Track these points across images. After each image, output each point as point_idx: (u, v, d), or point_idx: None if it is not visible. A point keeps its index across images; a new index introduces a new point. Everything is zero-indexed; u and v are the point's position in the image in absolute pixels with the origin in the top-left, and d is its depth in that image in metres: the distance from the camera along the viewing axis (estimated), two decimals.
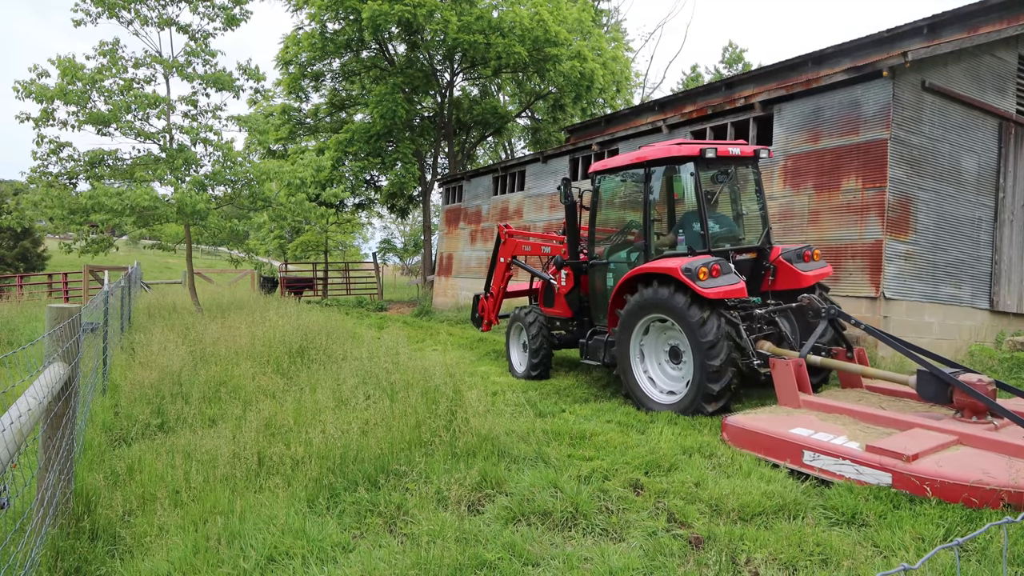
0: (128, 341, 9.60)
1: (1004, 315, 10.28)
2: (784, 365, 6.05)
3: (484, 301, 10.65)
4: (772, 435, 5.14)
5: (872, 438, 4.86)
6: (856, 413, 5.50)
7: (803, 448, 4.90)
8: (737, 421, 5.52)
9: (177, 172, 12.14)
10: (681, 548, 3.62)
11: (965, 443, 4.72)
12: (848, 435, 4.99)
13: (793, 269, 7.22)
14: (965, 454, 4.54)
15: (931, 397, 5.39)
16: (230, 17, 12.59)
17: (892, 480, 4.36)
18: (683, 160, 7.26)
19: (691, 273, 6.38)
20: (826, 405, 5.76)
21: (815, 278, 7.19)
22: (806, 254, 7.33)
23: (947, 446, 4.67)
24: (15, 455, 2.43)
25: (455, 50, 22.30)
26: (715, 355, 6.31)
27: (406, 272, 42.57)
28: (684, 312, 6.49)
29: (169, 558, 3.45)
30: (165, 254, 36.12)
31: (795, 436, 5.03)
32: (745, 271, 7.30)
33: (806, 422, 5.39)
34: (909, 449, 4.46)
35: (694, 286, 6.35)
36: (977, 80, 9.78)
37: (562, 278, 8.86)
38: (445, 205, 21.61)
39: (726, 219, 7.78)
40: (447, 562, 3.29)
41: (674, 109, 15.57)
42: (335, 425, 4.96)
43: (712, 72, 37.86)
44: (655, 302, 6.83)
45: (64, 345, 3.64)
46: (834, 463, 4.69)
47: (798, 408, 5.87)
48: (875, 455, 4.52)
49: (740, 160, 7.54)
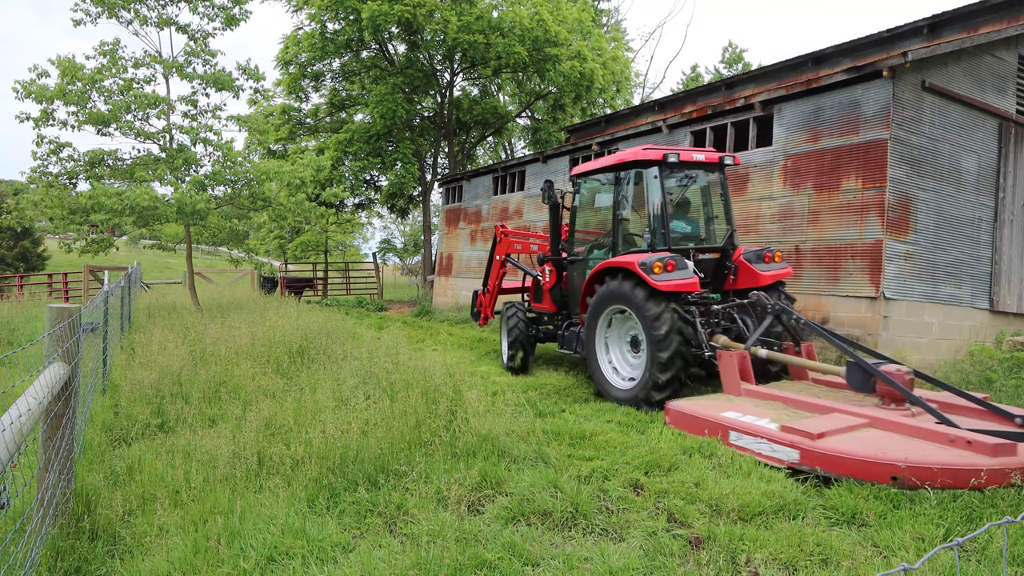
0: (128, 341, 9.60)
1: (1004, 315, 10.28)
2: (728, 356, 6.58)
3: (482, 296, 11.14)
4: (705, 417, 5.70)
5: (792, 421, 5.26)
6: (788, 400, 5.98)
7: (729, 429, 5.44)
8: (678, 405, 6.07)
9: (177, 172, 12.13)
10: (681, 548, 3.62)
11: (875, 426, 5.16)
12: (771, 418, 5.45)
13: (752, 269, 7.63)
14: (871, 435, 4.96)
15: (858, 386, 5.81)
16: (229, 17, 12.58)
17: (800, 456, 4.81)
18: (648, 164, 7.76)
19: (646, 267, 6.90)
20: (763, 393, 6.25)
21: (772, 278, 7.56)
22: (766, 255, 7.73)
23: (857, 428, 5.10)
24: (15, 455, 2.43)
25: (455, 50, 22.30)
26: (665, 346, 6.77)
27: (406, 272, 42.55)
28: (639, 304, 6.99)
29: (169, 558, 3.45)
30: (165, 254, 36.13)
31: (724, 418, 5.55)
32: (709, 270, 7.81)
33: (739, 407, 5.90)
34: (817, 429, 4.90)
35: (648, 279, 6.84)
36: (977, 80, 9.78)
37: (546, 274, 9.41)
38: (445, 205, 21.60)
39: (691, 220, 8.30)
40: (447, 562, 3.29)
41: (674, 109, 15.57)
42: (335, 425, 4.96)
43: (712, 72, 37.87)
44: (616, 294, 7.33)
45: (64, 345, 3.64)
46: (754, 442, 5.19)
47: (739, 396, 6.37)
48: (787, 434, 4.98)
49: (705, 166, 8.00)
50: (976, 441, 4.54)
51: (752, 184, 10.74)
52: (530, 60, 21.92)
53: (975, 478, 4.25)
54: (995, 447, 4.45)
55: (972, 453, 4.48)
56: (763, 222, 10.49)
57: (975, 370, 8.42)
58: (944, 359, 9.17)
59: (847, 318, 9.16)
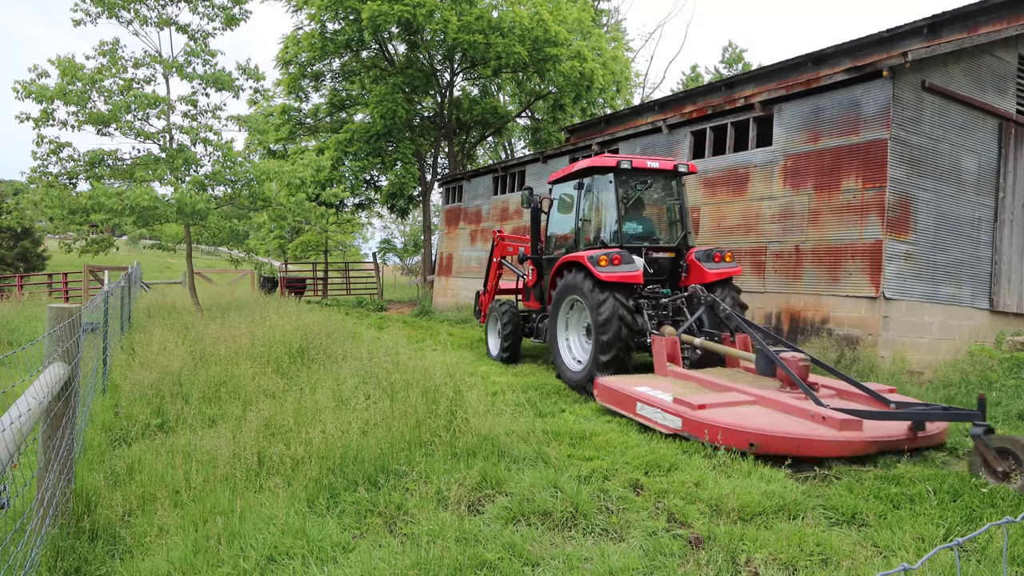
0: (128, 341, 9.60)
1: (1004, 315, 10.28)
2: (659, 341, 7.32)
3: (483, 297, 11.91)
4: (620, 391, 6.37)
5: (686, 395, 5.84)
6: (701, 381, 6.59)
7: (636, 400, 6.08)
8: (604, 381, 6.75)
9: (177, 172, 12.13)
10: (681, 548, 3.62)
11: (760, 403, 5.76)
12: (673, 393, 5.98)
13: (701, 267, 8.31)
14: (748, 410, 5.57)
15: (763, 371, 6.42)
16: (229, 17, 12.58)
17: (682, 424, 5.53)
18: (605, 170, 8.63)
19: (593, 260, 7.73)
20: (684, 374, 6.87)
21: (717, 275, 8.21)
22: (716, 255, 8.41)
23: (740, 404, 5.72)
24: (15, 455, 2.43)
25: (455, 50, 22.29)
26: (607, 331, 7.50)
27: (406, 272, 42.52)
28: (588, 293, 7.78)
29: (169, 558, 3.44)
30: (165, 254, 36.13)
31: (634, 391, 6.20)
32: (664, 268, 8.66)
33: (656, 385, 6.46)
34: (700, 402, 5.57)
35: (595, 271, 7.66)
36: (977, 80, 9.78)
37: (528, 273, 10.37)
38: (445, 205, 21.60)
39: (647, 221, 9.07)
40: (447, 562, 3.28)
41: (674, 109, 15.57)
42: (335, 425, 4.95)
43: (712, 72, 37.86)
44: (572, 286, 8.17)
45: (64, 345, 3.64)
46: (651, 411, 5.88)
47: (665, 376, 6.97)
48: (676, 405, 5.66)
49: (660, 172, 8.79)
50: (829, 417, 5.19)
51: (752, 184, 10.74)
52: (530, 60, 21.92)
53: (818, 448, 4.98)
54: (842, 422, 5.12)
55: (823, 427, 5.15)
56: (763, 222, 10.49)
57: (975, 370, 8.42)
58: (944, 359, 9.17)
59: (847, 318, 9.16)
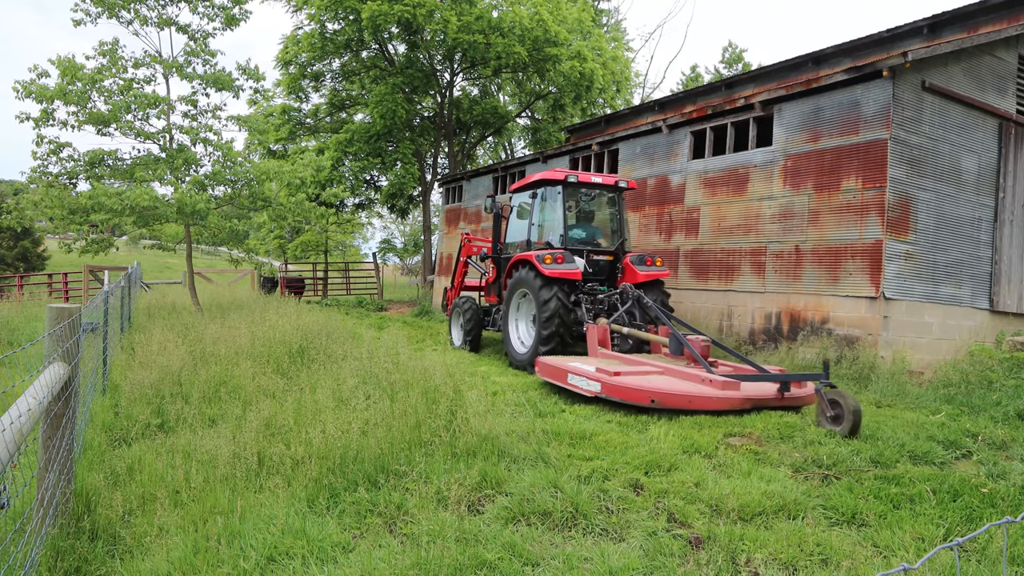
0: (128, 341, 9.60)
1: (1004, 315, 10.28)
2: (592, 328, 8.48)
3: (449, 292, 13.29)
4: (555, 366, 7.43)
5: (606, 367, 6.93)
6: (623, 359, 7.81)
7: (568, 372, 7.18)
8: (544, 359, 7.78)
9: (177, 172, 12.13)
10: (681, 548, 3.62)
11: (665, 373, 7.02)
12: (596, 367, 7.04)
13: (634, 269, 9.51)
14: (656, 377, 6.79)
15: (675, 352, 7.73)
16: (229, 17, 12.58)
17: (601, 387, 6.61)
18: (555, 183, 9.97)
19: (539, 258, 9.01)
20: (610, 355, 8.10)
21: (647, 277, 9.44)
22: (647, 259, 9.63)
23: (649, 373, 6.94)
24: (15, 455, 2.43)
25: (455, 50, 22.30)
26: (546, 316, 8.81)
27: (406, 272, 42.52)
28: (533, 287, 9.04)
29: (169, 558, 3.44)
30: (165, 254, 36.14)
31: (566, 366, 7.30)
32: (603, 268, 9.97)
33: (585, 361, 7.56)
34: (615, 370, 6.75)
35: (540, 267, 8.93)
36: (977, 80, 9.78)
37: (490, 270, 11.57)
38: (445, 205, 21.60)
39: (590, 228, 10.48)
40: (447, 562, 3.28)
41: (674, 109, 15.57)
42: (335, 425, 4.95)
43: (712, 72, 37.87)
44: (521, 280, 9.42)
45: (64, 345, 3.64)
46: (578, 379, 6.99)
47: (595, 357, 8.15)
48: (598, 373, 6.75)
49: (602, 187, 10.22)
50: (715, 380, 6.42)
51: (752, 184, 10.74)
52: (530, 60, 21.92)
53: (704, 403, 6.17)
54: (723, 383, 6.34)
55: (709, 388, 6.39)
56: (763, 222, 10.49)
57: (975, 370, 8.42)
58: (944, 359, 9.17)
59: (847, 318, 9.16)
